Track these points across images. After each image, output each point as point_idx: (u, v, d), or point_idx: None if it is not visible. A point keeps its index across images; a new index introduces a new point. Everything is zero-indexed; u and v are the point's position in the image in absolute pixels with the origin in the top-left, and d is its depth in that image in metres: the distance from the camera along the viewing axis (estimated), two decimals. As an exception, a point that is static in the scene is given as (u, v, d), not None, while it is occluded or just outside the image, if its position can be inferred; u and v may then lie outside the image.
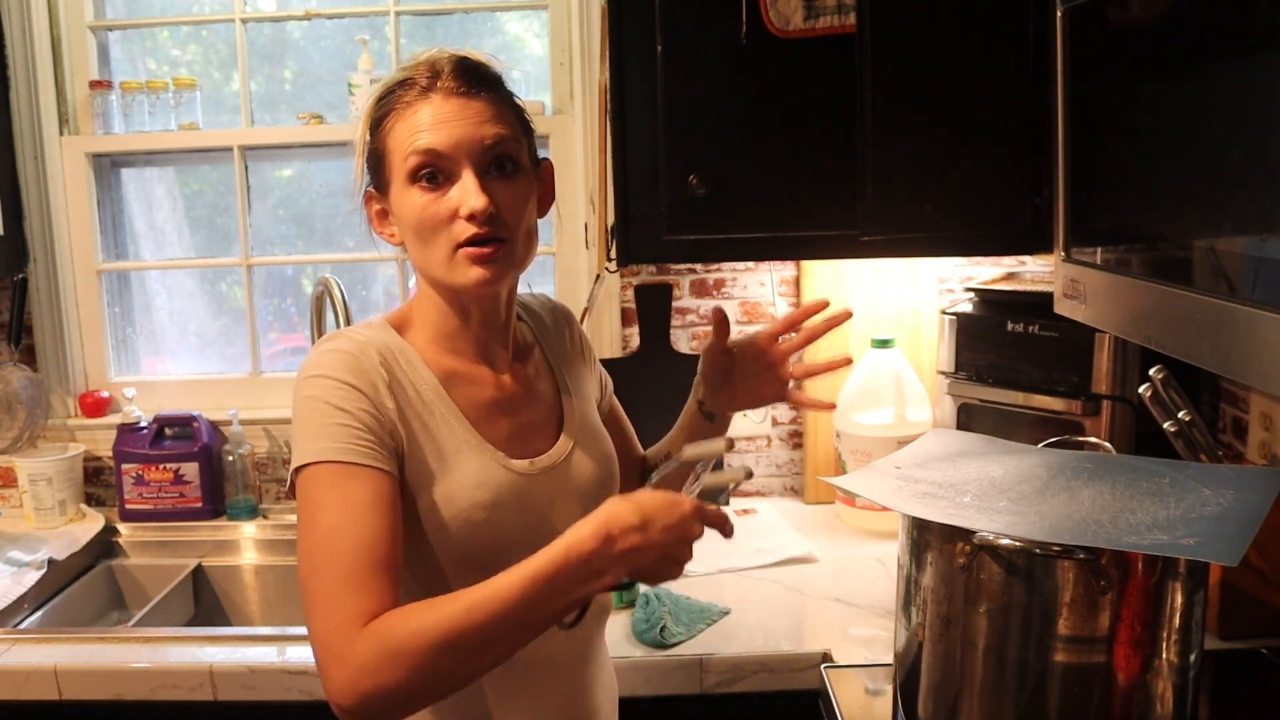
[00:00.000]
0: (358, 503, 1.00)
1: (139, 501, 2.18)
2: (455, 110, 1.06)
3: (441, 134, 1.05)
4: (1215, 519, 1.07)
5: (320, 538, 0.99)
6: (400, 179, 1.07)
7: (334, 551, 0.98)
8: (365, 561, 0.98)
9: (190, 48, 2.35)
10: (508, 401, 1.16)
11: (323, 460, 1.01)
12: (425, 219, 1.06)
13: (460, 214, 1.05)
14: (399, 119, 1.08)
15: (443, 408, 1.09)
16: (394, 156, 1.08)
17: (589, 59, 2.11)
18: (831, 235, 1.65)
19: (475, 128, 1.06)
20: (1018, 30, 1.54)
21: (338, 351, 1.06)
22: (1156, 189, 1.08)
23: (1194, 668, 1.14)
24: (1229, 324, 0.91)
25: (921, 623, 1.20)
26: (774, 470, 2.22)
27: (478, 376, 1.14)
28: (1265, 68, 0.86)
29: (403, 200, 1.08)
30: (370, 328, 1.12)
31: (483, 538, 1.08)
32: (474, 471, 1.09)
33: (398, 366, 1.08)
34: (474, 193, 1.05)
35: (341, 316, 1.93)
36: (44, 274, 2.21)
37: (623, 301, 2.18)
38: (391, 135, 1.08)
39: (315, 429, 1.02)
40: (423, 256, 1.09)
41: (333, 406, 1.02)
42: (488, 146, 1.07)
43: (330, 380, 1.04)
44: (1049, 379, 1.74)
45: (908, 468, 1.28)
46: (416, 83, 1.08)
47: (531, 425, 1.17)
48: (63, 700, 1.56)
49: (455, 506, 1.07)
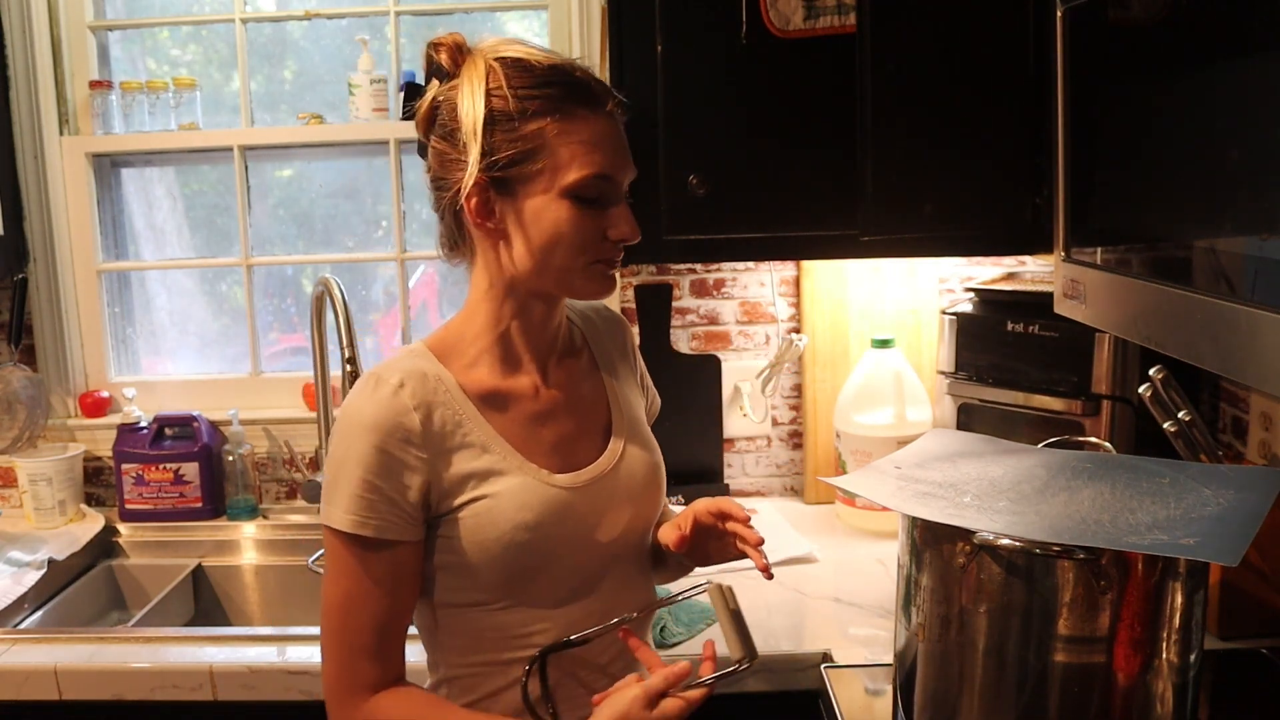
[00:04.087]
0: (376, 580, 1.07)
1: (139, 501, 2.18)
2: (619, 137, 1.10)
3: (616, 161, 1.09)
4: (1215, 519, 1.07)
5: (338, 601, 1.08)
6: (556, 189, 1.06)
7: (348, 620, 1.08)
8: (375, 635, 1.08)
9: (190, 48, 2.35)
10: (551, 411, 1.16)
11: (346, 530, 1.06)
12: (575, 235, 1.07)
13: (612, 237, 1.09)
14: (568, 123, 1.06)
15: (481, 433, 1.10)
16: (556, 163, 1.06)
17: (589, 59, 2.11)
18: (831, 235, 1.66)
19: (628, 160, 1.12)
20: (1018, 30, 1.54)
21: (374, 403, 1.06)
22: (1156, 189, 1.08)
23: (1194, 668, 1.13)
24: (1229, 324, 0.91)
25: (921, 623, 1.20)
26: (774, 470, 2.22)
27: (519, 390, 1.15)
28: (1265, 68, 0.85)
29: (548, 209, 1.07)
30: (411, 356, 1.12)
31: (527, 556, 1.10)
32: (515, 493, 1.10)
33: (434, 399, 1.09)
34: (631, 223, 1.10)
35: (341, 316, 1.93)
36: (44, 274, 2.21)
37: (623, 301, 2.18)
38: (558, 140, 1.06)
39: (345, 493, 1.06)
40: (539, 264, 1.09)
41: (362, 478, 1.05)
42: (632, 180, 1.13)
43: (360, 441, 1.05)
44: (1049, 379, 1.74)
45: (908, 468, 1.28)
46: (574, 89, 1.07)
47: (578, 432, 1.18)
48: (63, 700, 1.56)
49: (498, 529, 1.09)
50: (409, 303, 2.30)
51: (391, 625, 1.09)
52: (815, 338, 2.14)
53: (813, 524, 2.04)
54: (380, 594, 1.08)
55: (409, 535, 1.08)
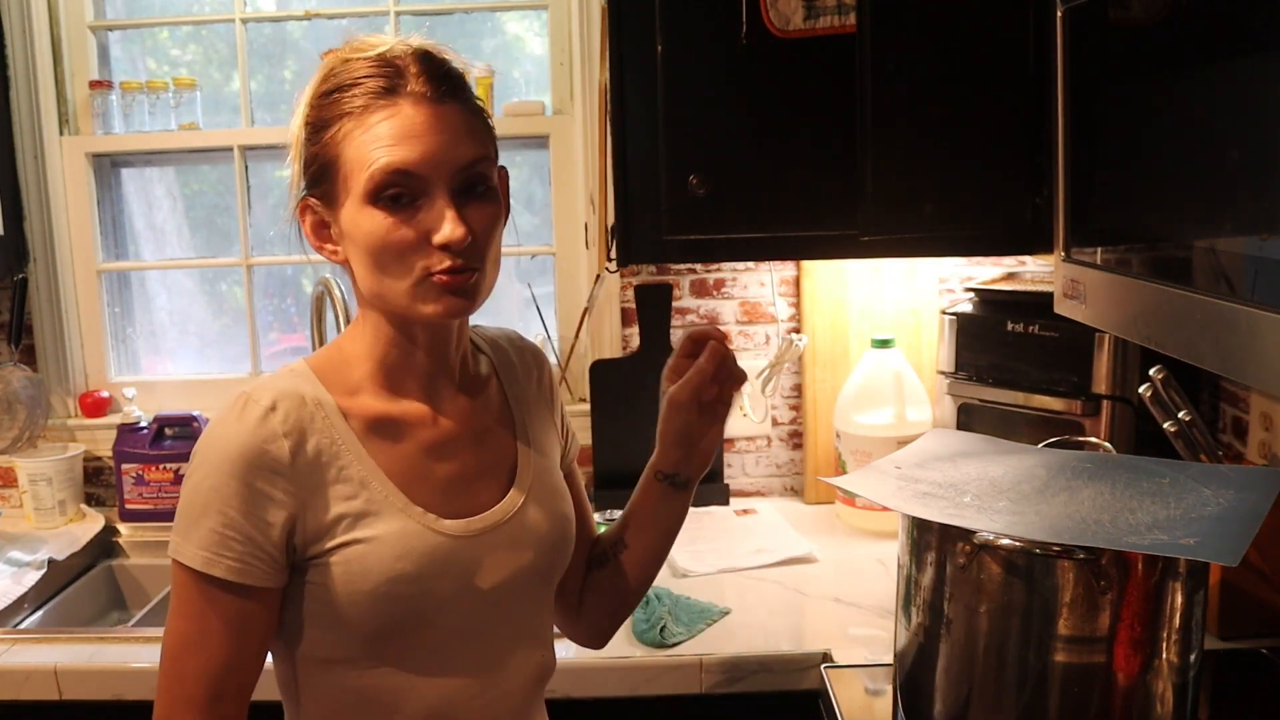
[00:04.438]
0: (215, 626, 0.95)
1: (139, 501, 2.18)
2: (427, 122, 0.93)
3: (412, 150, 0.92)
4: (1215, 519, 1.07)
5: (171, 646, 0.97)
6: (356, 196, 0.94)
7: (182, 667, 0.96)
8: (207, 688, 0.96)
9: (190, 48, 2.35)
10: (446, 445, 1.03)
11: (196, 568, 0.95)
12: (388, 245, 0.93)
13: (434, 242, 0.93)
14: (355, 125, 0.93)
15: (361, 469, 0.98)
16: (350, 169, 0.94)
17: (589, 59, 2.11)
18: (831, 235, 1.65)
19: (451, 145, 0.94)
20: (1018, 30, 1.54)
21: (241, 428, 0.95)
22: (1156, 189, 1.08)
23: (1194, 668, 1.14)
24: (1229, 324, 0.91)
25: (921, 623, 1.20)
26: (774, 470, 2.22)
27: (412, 418, 1.02)
28: (1265, 68, 0.85)
29: (359, 220, 0.94)
30: (291, 376, 1.00)
31: (403, 609, 0.98)
32: (394, 540, 0.97)
33: (310, 426, 0.97)
34: (452, 221, 0.93)
35: (341, 316, 1.93)
36: (44, 274, 2.21)
37: (623, 301, 2.18)
38: (347, 144, 0.94)
39: (193, 525, 0.95)
40: (376, 282, 0.96)
41: (219, 510, 0.94)
42: (463, 167, 0.95)
43: (222, 471, 0.94)
44: (1049, 379, 1.74)
45: (908, 468, 1.28)
46: (373, 83, 0.94)
47: (476, 472, 1.05)
48: (63, 700, 1.56)
49: (371, 580, 0.96)
50: (409, 303, 2.30)
51: (229, 680, 0.96)
52: (815, 338, 2.14)
53: (813, 524, 2.04)
54: (222, 643, 0.95)
55: (268, 581, 0.96)
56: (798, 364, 2.16)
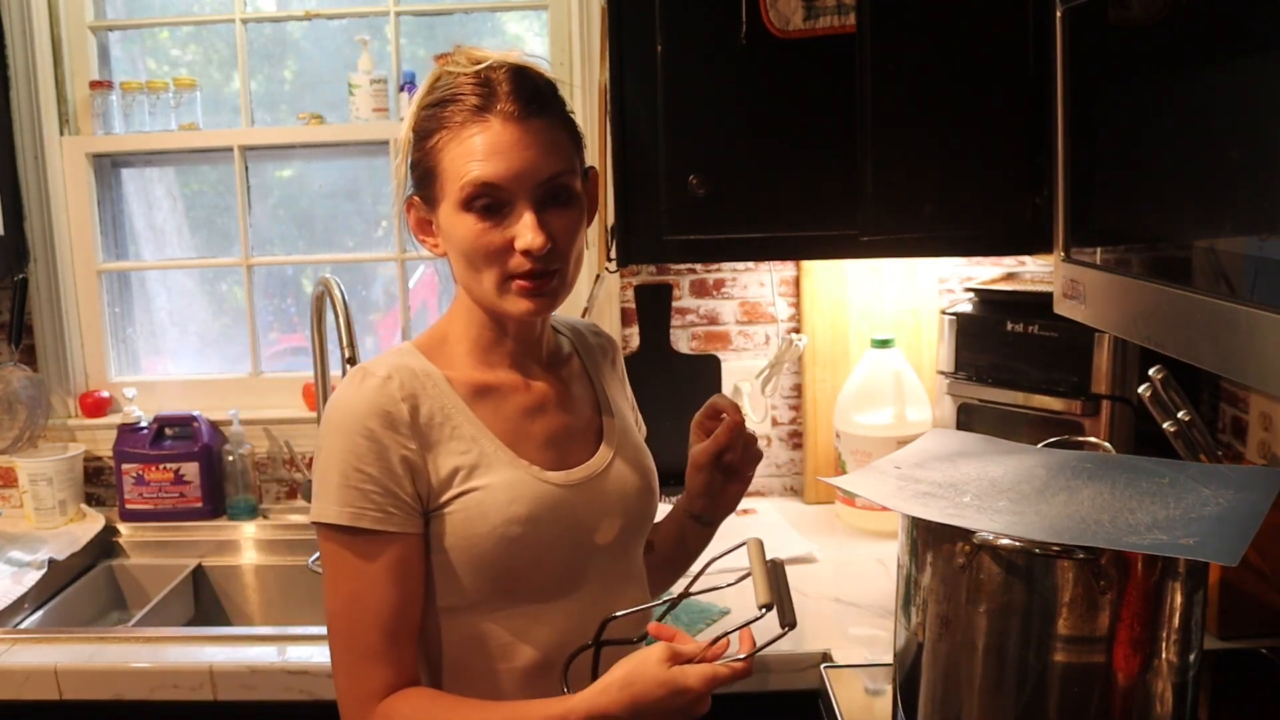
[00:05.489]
0: (377, 574, 1.04)
1: (139, 501, 2.18)
2: (514, 139, 1.03)
3: (500, 166, 1.03)
4: (1215, 519, 1.07)
5: (341, 605, 1.05)
6: (453, 202, 1.05)
7: (354, 623, 1.05)
8: (383, 635, 1.04)
9: (190, 48, 2.35)
10: (541, 406, 1.15)
11: (339, 524, 1.03)
12: (478, 248, 1.05)
13: (516, 248, 1.04)
14: (453, 138, 1.04)
15: (471, 428, 1.09)
16: (447, 177, 1.05)
17: (589, 59, 2.11)
18: (831, 235, 1.65)
19: (534, 161, 1.04)
20: (1018, 30, 1.54)
21: (363, 394, 1.05)
22: (1156, 189, 1.08)
23: (1194, 668, 1.13)
24: (1229, 324, 0.91)
25: (921, 623, 1.20)
26: (774, 470, 2.22)
27: (509, 385, 1.14)
28: (1265, 68, 0.85)
29: (454, 223, 1.06)
30: (399, 354, 1.12)
31: (518, 553, 1.08)
32: (506, 487, 1.08)
33: (423, 393, 1.07)
34: (532, 230, 1.03)
35: (341, 316, 1.93)
36: (44, 274, 2.21)
37: (623, 301, 2.18)
38: (445, 154, 1.05)
39: (334, 487, 1.03)
40: (471, 279, 1.09)
41: (352, 466, 1.03)
42: (543, 181, 1.05)
43: (352, 433, 1.04)
44: (1049, 379, 1.74)
45: (907, 468, 1.28)
46: (470, 100, 1.04)
47: (568, 431, 1.16)
48: (63, 700, 1.56)
49: (489, 523, 1.06)
50: (409, 303, 2.30)
51: (401, 624, 1.05)
52: (815, 338, 2.14)
53: (813, 524, 2.04)
54: (385, 590, 1.04)
55: (410, 527, 1.05)
56: (798, 364, 2.16)
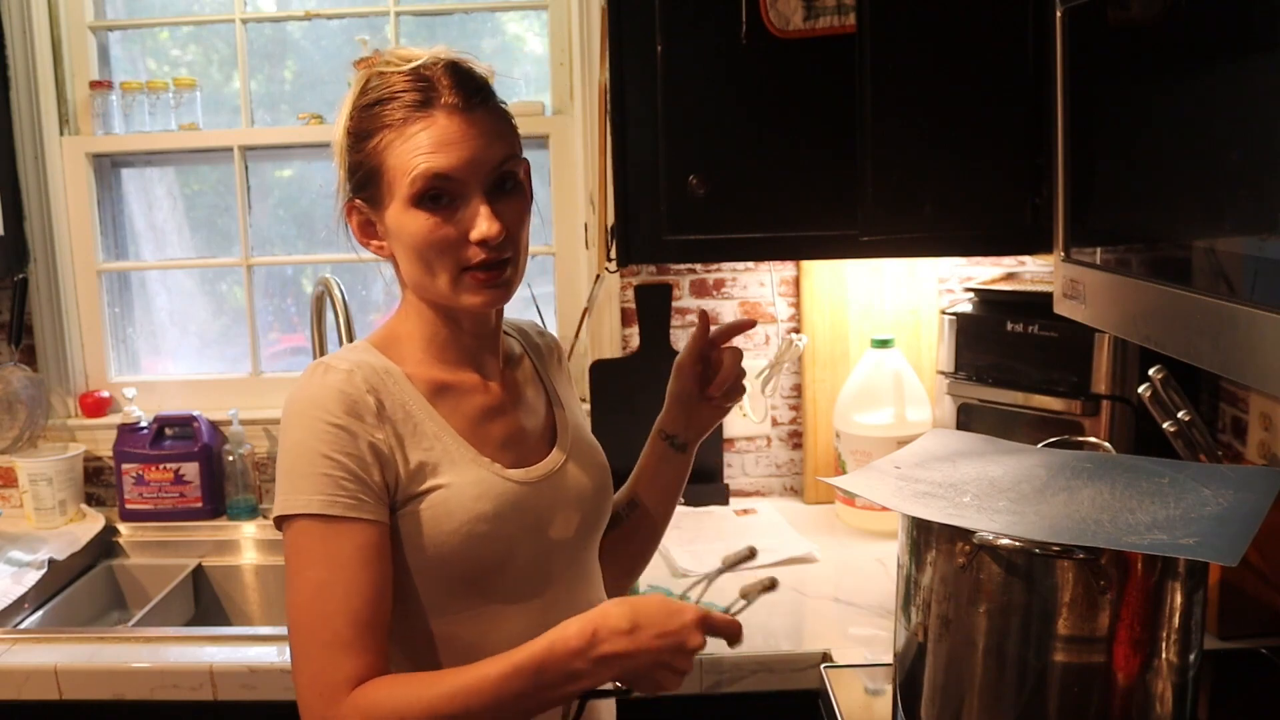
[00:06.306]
0: (345, 560, 1.00)
1: (139, 501, 2.18)
2: (461, 129, 1.03)
3: (450, 157, 1.02)
4: (1215, 519, 1.07)
5: (307, 596, 1.00)
6: (401, 200, 1.04)
7: (322, 612, 0.99)
8: (353, 623, 0.99)
9: (190, 48, 2.35)
10: (499, 407, 1.14)
11: (308, 514, 1.00)
12: (432, 243, 1.04)
13: (471, 239, 1.03)
14: (396, 136, 1.03)
15: (433, 425, 1.07)
16: (393, 175, 1.04)
17: (589, 59, 2.11)
18: (831, 235, 1.65)
19: (484, 149, 1.04)
20: (1017, 30, 1.54)
21: (326, 385, 1.03)
22: (1156, 189, 1.08)
23: (1194, 668, 1.14)
24: (1229, 324, 0.91)
25: (921, 623, 1.20)
26: (774, 470, 2.23)
27: (467, 384, 1.13)
28: (1265, 68, 0.85)
29: (404, 222, 1.05)
30: (356, 350, 1.10)
31: (485, 550, 1.07)
32: (471, 484, 1.07)
33: (385, 389, 1.06)
34: (488, 219, 1.03)
35: (341, 316, 1.93)
36: (44, 274, 2.21)
37: (623, 301, 2.18)
38: (389, 153, 1.04)
39: (302, 477, 1.00)
40: (421, 276, 1.07)
41: (320, 454, 1.00)
42: (495, 167, 1.05)
43: (318, 422, 1.01)
44: (1049, 379, 1.74)
45: (907, 468, 1.28)
46: (409, 96, 1.03)
47: (525, 432, 1.16)
48: (63, 700, 1.56)
49: (455, 520, 1.05)
50: (409, 303, 2.30)
51: (371, 613, 1.00)
52: (815, 338, 2.14)
53: (813, 524, 2.04)
54: (354, 576, 0.99)
55: (379, 515, 1.02)
56: (797, 364, 2.16)
